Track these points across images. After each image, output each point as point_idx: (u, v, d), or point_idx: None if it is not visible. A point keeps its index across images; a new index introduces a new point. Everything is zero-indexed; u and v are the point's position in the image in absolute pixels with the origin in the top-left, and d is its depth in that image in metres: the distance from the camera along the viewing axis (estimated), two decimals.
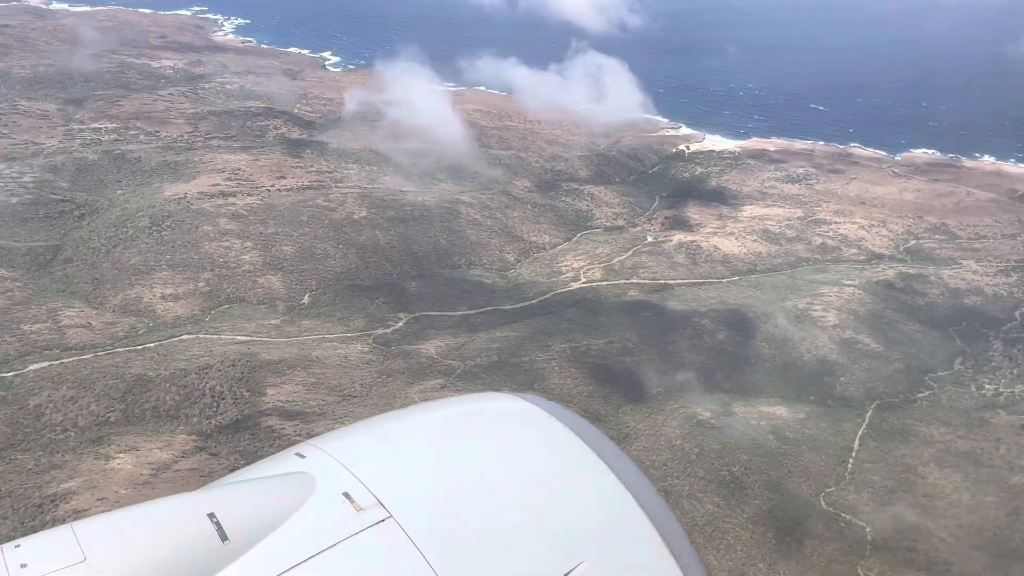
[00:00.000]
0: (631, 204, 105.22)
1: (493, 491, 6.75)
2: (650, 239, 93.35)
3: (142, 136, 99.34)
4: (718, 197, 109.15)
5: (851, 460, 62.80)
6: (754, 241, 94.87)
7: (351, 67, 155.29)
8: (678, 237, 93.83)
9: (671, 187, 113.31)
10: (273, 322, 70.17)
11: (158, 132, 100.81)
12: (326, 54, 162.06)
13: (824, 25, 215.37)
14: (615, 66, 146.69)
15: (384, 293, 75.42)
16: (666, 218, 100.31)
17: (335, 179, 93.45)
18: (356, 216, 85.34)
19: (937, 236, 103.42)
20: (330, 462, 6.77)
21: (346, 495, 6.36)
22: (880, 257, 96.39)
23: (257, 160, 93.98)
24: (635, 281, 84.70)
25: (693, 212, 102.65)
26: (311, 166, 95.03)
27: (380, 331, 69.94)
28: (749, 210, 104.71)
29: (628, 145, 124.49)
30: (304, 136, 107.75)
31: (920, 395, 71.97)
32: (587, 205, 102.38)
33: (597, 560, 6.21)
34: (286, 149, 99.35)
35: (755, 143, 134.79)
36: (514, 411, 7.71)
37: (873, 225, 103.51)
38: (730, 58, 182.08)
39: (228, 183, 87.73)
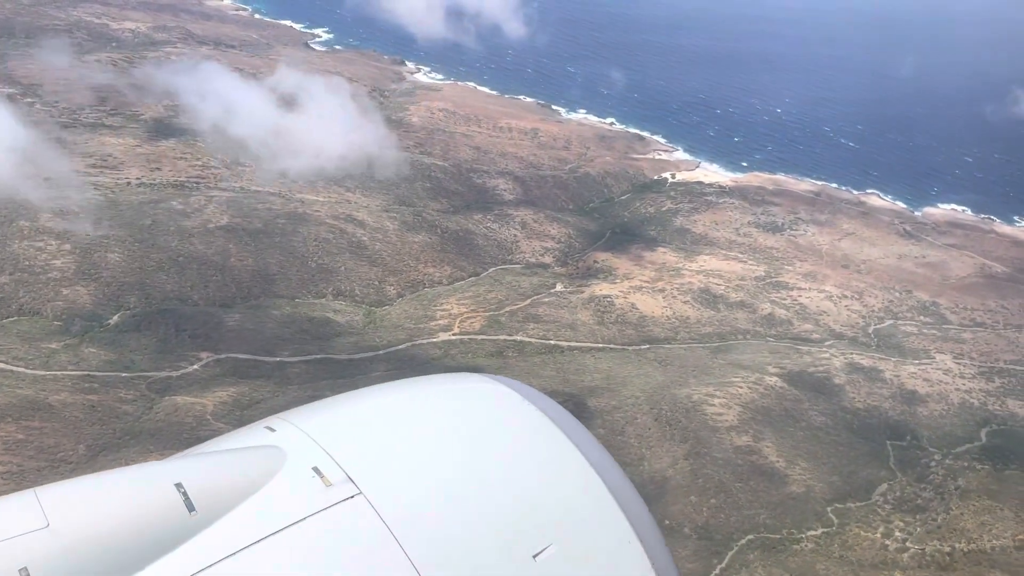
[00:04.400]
0: (569, 238, 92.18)
1: (464, 471, 6.60)
2: (559, 287, 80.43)
3: (38, 105, 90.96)
4: (672, 241, 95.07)
5: None
6: (685, 302, 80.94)
7: (338, 48, 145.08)
8: (593, 288, 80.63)
9: (628, 222, 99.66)
10: (52, 346, 60.39)
11: (57, 103, 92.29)
12: (320, 30, 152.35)
13: (884, 46, 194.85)
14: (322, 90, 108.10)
15: (199, 323, 64.85)
16: (595, 261, 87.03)
17: (218, 177, 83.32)
18: (213, 224, 74.97)
19: (922, 317, 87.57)
20: (300, 436, 6.57)
21: (316, 470, 6.17)
22: (839, 338, 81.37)
23: (140, 146, 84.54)
24: (519, 339, 72.18)
25: (630, 257, 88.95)
26: (199, 159, 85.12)
27: (164, 373, 59.46)
28: (702, 261, 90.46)
29: (600, 168, 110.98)
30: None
31: (810, 533, 57.89)
32: (515, 235, 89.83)
33: (566, 543, 6.18)
34: (184, 136, 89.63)
35: (753, 178, 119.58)
36: (488, 392, 7.60)
37: (845, 296, 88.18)
38: (764, 75, 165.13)
39: (88, 170, 78.46)
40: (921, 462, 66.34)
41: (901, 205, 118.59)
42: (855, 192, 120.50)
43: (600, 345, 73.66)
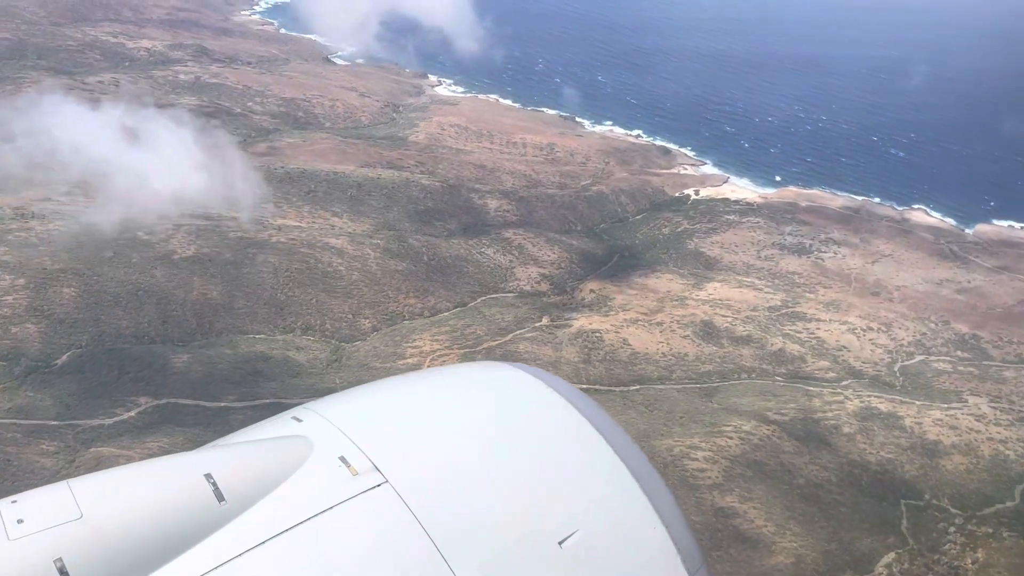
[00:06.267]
0: (571, 264, 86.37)
1: (489, 459, 6.66)
2: (545, 320, 74.71)
3: None
4: (683, 265, 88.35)
5: None
6: (684, 337, 74.30)
7: (360, 61, 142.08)
8: (583, 321, 74.68)
9: (638, 245, 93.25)
10: None
11: None
12: (344, 44, 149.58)
13: (947, 46, 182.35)
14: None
15: (143, 364, 61.47)
16: (591, 290, 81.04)
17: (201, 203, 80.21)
18: (180, 254, 71.78)
19: (958, 352, 78.95)
20: (327, 426, 6.69)
21: (342, 459, 6.28)
22: (858, 377, 73.61)
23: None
24: None
25: (630, 284, 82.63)
26: None
27: (97, 421, 56.08)
28: (711, 288, 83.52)
29: (615, 185, 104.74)
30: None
31: None
32: (510, 260, 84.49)
33: (592, 529, 6.21)
34: None
35: (786, 193, 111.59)
36: (511, 380, 7.59)
37: (871, 328, 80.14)
38: (810, 80, 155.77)
39: (61, 198, 76.32)
40: (938, 527, 58.57)
41: (950, 222, 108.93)
42: (899, 208, 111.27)
43: (584, 386, 67.67)
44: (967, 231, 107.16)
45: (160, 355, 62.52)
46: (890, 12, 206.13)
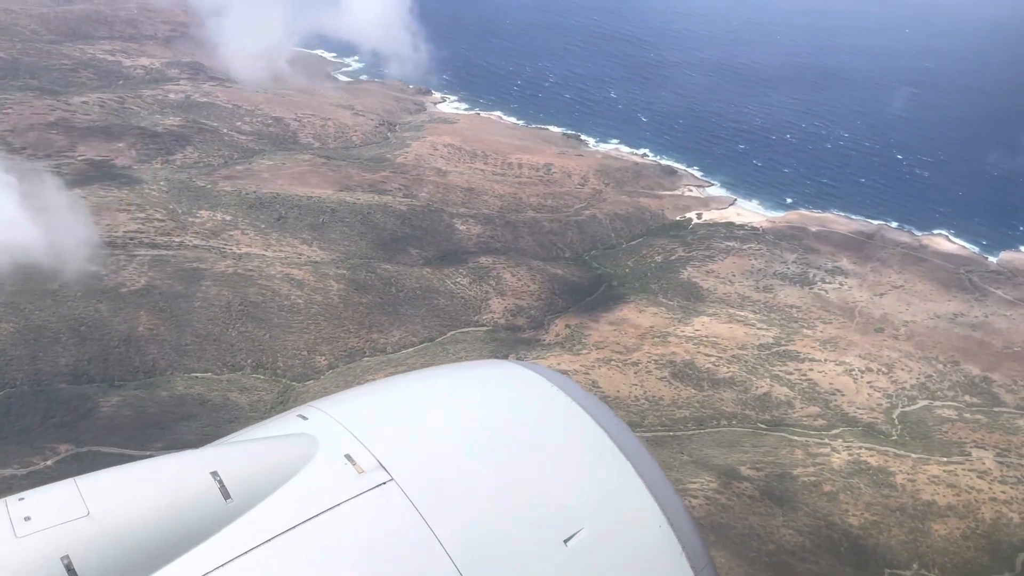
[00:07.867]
0: (551, 295, 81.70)
1: (495, 456, 6.62)
2: (511, 359, 70.11)
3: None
4: (672, 297, 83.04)
5: None
6: (661, 378, 69.15)
7: (363, 78, 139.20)
8: (551, 360, 69.97)
9: (629, 274, 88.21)
10: None
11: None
12: (351, 60, 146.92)
13: (998, 56, 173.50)
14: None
15: (69, 408, 58.40)
16: (565, 326, 76.29)
17: (162, 231, 77.47)
18: (128, 287, 68.86)
19: (966, 397, 72.63)
20: (332, 424, 6.68)
21: (348, 457, 6.27)
22: (851, 425, 67.78)
23: (86, 198, 79.77)
24: None
25: (610, 319, 77.66)
26: (143, 210, 79.58)
27: (9, 471, 53.00)
28: (699, 323, 78.15)
29: (610, 209, 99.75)
30: (197, 163, 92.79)
31: None
32: (485, 292, 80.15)
33: (597, 526, 6.22)
34: (141, 185, 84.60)
35: (796, 217, 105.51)
36: (516, 378, 7.57)
37: (870, 370, 74.13)
38: (836, 95, 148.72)
39: None
40: None
41: (973, 249, 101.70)
42: (917, 233, 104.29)
43: None
44: (991, 259, 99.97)
45: (89, 397, 59.42)
46: (925, 20, 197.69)
